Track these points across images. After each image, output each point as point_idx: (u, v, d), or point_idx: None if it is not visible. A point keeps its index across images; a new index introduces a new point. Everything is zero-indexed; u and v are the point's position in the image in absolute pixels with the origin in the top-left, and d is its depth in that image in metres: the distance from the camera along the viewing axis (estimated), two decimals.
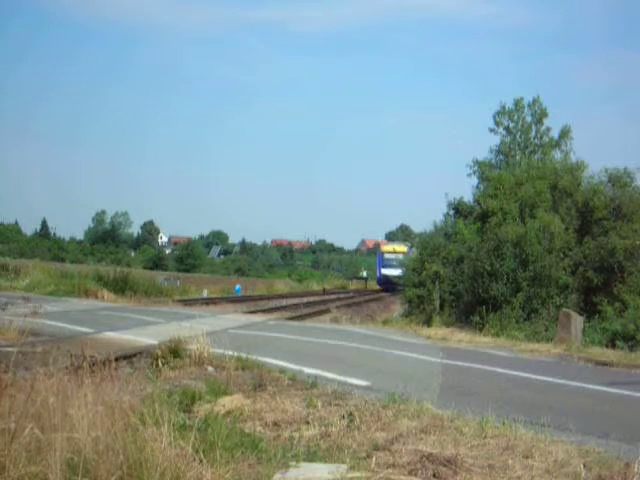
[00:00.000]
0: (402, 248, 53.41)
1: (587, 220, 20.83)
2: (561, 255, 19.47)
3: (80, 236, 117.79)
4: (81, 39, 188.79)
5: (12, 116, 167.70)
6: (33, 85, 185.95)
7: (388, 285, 52.12)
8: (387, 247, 57.62)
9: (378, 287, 55.71)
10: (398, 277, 49.85)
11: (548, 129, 48.11)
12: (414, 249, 53.80)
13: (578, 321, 15.79)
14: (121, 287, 27.13)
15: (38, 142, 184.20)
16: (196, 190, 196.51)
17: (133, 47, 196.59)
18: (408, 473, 4.97)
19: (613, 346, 15.25)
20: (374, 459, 5.23)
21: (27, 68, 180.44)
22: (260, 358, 9.63)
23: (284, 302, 30.45)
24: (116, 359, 7.56)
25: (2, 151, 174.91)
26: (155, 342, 10.35)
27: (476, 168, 42.12)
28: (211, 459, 4.55)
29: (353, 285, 60.25)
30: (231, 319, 18.48)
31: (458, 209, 25.82)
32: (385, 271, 54.24)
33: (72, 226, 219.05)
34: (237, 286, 43.02)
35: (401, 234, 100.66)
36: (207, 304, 26.10)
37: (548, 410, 7.43)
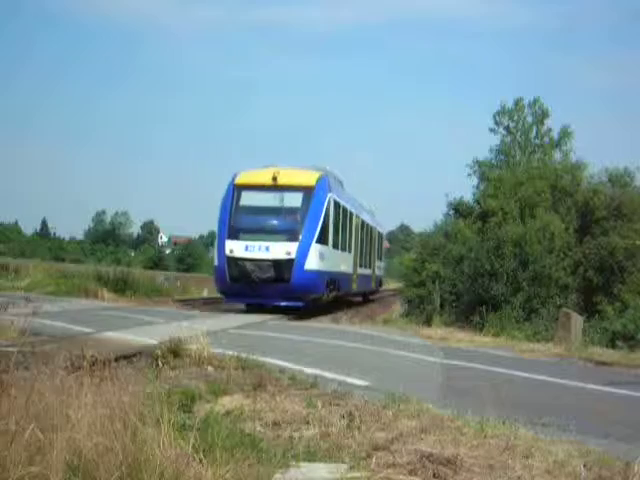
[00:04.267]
0: (302, 176, 21.64)
1: (587, 220, 20.85)
2: (561, 255, 19.49)
3: (80, 236, 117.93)
4: (84, 38, 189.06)
5: (13, 115, 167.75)
6: (34, 84, 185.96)
7: (243, 288, 19.96)
8: (253, 174, 21.99)
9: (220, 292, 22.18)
10: (284, 264, 19.58)
11: (549, 129, 48.18)
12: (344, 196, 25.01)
13: (578, 321, 15.80)
14: (121, 287, 27.13)
15: (39, 141, 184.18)
16: (196, 190, 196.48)
17: (136, 46, 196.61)
18: (408, 473, 4.97)
19: (613, 346, 15.27)
20: (374, 459, 5.23)
21: (28, 67, 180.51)
22: (260, 358, 9.62)
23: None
24: (116, 359, 7.58)
25: (3, 150, 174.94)
26: (155, 342, 10.34)
27: (476, 168, 42.20)
28: (211, 459, 4.54)
29: None
30: (231, 319, 18.46)
31: (458, 209, 25.83)
32: (237, 248, 19.91)
33: (72, 226, 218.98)
34: None
35: (401, 234, 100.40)
36: (207, 304, 26.09)
37: (548, 410, 7.42)
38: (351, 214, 26.27)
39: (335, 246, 22.96)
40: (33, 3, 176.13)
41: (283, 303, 20.44)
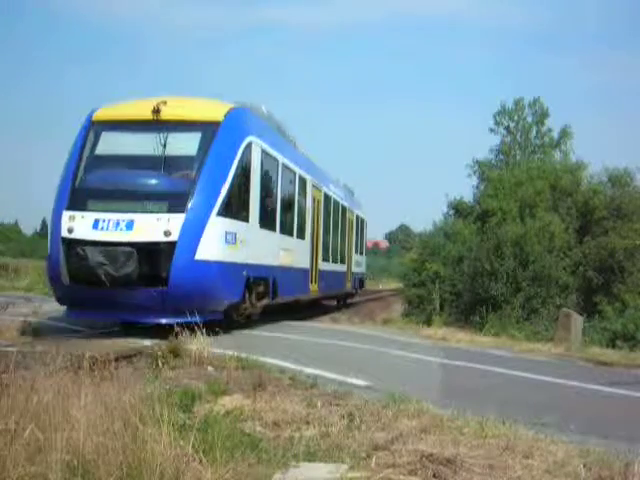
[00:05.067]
0: (202, 108, 12.54)
1: (587, 220, 20.90)
2: (561, 255, 19.52)
3: None
4: (93, 38, 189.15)
5: (15, 115, 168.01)
6: (36, 84, 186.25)
7: (89, 294, 10.90)
8: (124, 106, 12.68)
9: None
10: (158, 251, 10.99)
11: (549, 130, 48.25)
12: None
13: (578, 321, 15.81)
14: None
15: (39, 141, 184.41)
16: None
17: (141, 44, 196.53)
18: (408, 473, 4.97)
19: (613, 346, 15.29)
20: (374, 459, 5.22)
21: (30, 68, 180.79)
22: (260, 358, 9.62)
23: None
24: (116, 359, 7.59)
25: (4, 150, 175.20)
26: (155, 342, 10.34)
27: (476, 168, 42.20)
28: (211, 459, 4.54)
29: None
30: None
31: (458, 209, 25.86)
32: (81, 224, 10.95)
33: None
34: None
35: (401, 234, 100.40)
36: None
37: (548, 410, 7.42)
38: (304, 181, 17.55)
39: (267, 224, 14.37)
40: None
41: (162, 320, 11.24)
